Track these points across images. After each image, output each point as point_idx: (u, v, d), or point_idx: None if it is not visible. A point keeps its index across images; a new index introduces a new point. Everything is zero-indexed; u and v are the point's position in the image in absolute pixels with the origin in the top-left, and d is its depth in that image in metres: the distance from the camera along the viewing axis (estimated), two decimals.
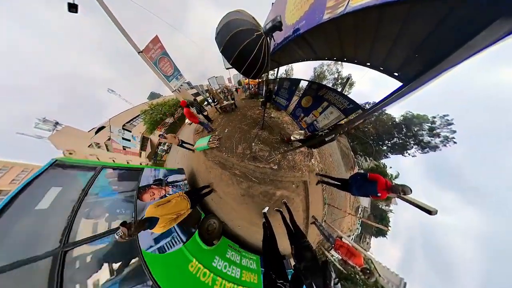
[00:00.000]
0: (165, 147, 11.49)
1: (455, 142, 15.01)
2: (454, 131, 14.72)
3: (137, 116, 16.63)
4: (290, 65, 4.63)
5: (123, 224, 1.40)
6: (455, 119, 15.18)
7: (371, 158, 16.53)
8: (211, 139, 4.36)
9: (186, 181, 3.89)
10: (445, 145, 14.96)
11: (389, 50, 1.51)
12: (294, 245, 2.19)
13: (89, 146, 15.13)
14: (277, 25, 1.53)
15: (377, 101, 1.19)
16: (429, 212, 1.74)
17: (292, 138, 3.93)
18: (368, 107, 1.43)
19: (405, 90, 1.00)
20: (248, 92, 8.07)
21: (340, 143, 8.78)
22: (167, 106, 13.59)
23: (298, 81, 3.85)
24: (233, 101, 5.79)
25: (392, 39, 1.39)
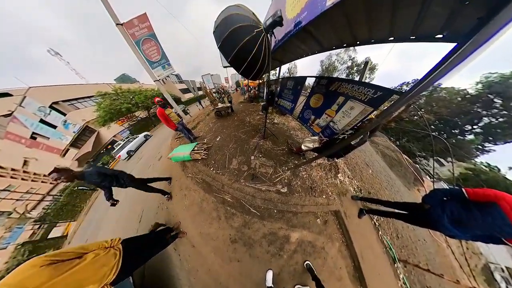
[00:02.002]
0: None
1: None
2: None
3: (88, 97, 12.16)
4: (293, 62, 4.03)
5: None
6: None
7: (450, 159, 10.13)
8: (196, 148, 3.21)
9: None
10: None
11: (419, 13, 1.23)
12: None
13: None
14: (277, 21, 1.46)
15: (420, 77, 0.89)
16: None
17: (303, 147, 2.83)
18: (409, 88, 0.99)
19: (467, 49, 0.73)
20: (247, 95, 7.37)
21: (378, 146, 6.52)
22: (142, 96, 10.92)
23: (303, 79, 3.33)
24: (229, 104, 4.94)
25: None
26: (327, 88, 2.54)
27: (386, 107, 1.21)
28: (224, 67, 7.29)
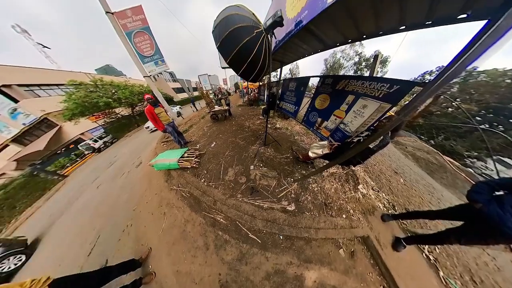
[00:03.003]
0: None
1: None
2: None
3: (56, 85, 10.27)
4: (294, 62, 3.85)
5: None
6: None
7: None
8: (186, 155, 2.74)
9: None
10: None
11: None
12: None
13: None
14: (278, 21, 1.44)
15: (447, 63, 0.79)
16: None
17: (311, 154, 2.39)
18: (434, 77, 0.86)
19: (503, 25, 0.65)
20: (247, 98, 7.08)
21: (406, 147, 5.42)
22: (127, 91, 9.70)
23: (306, 79, 3.19)
24: (227, 107, 4.61)
25: None
26: (333, 87, 2.38)
27: (407, 102, 1.04)
28: (223, 68, 7.19)
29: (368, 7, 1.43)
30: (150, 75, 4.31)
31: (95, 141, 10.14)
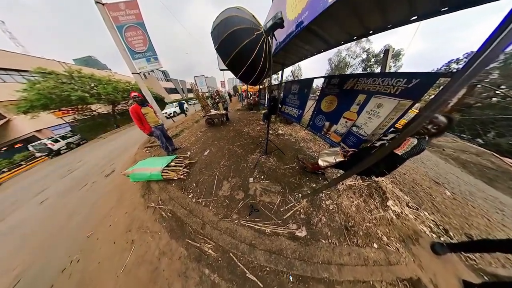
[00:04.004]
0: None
1: None
2: None
3: (16, 71, 8.97)
4: (296, 64, 3.73)
5: None
6: None
7: None
8: (173, 163, 2.35)
9: None
10: None
11: None
12: None
13: None
14: (278, 22, 1.44)
15: (478, 48, 0.70)
16: None
17: (321, 163, 2.00)
18: (463, 65, 0.80)
19: None
20: (246, 102, 6.84)
21: (443, 150, 4.42)
22: (110, 87, 8.77)
23: (310, 81, 3.05)
24: (225, 112, 4.34)
25: None
26: (340, 87, 2.28)
27: (433, 96, 0.90)
28: (221, 70, 7.13)
29: (374, 1, 1.35)
30: (140, 72, 4.12)
31: (55, 141, 8.38)
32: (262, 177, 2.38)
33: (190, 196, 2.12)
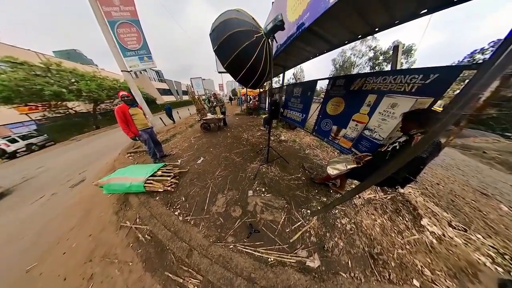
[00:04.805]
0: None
1: None
2: None
3: None
4: (298, 66, 3.66)
5: None
6: None
7: None
8: (160, 172, 2.07)
9: None
10: None
11: None
12: None
13: None
14: (278, 25, 1.43)
15: (507, 33, 0.62)
16: None
17: (330, 171, 1.73)
18: (491, 54, 0.69)
19: None
20: (245, 106, 6.64)
21: (484, 153, 3.90)
22: (94, 84, 8.11)
23: (313, 83, 2.97)
24: (222, 116, 4.14)
25: None
26: (347, 88, 2.20)
27: (459, 91, 0.75)
28: (220, 72, 7.04)
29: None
30: (131, 71, 3.97)
31: (12, 140, 7.24)
32: (263, 189, 2.08)
33: (176, 213, 1.78)
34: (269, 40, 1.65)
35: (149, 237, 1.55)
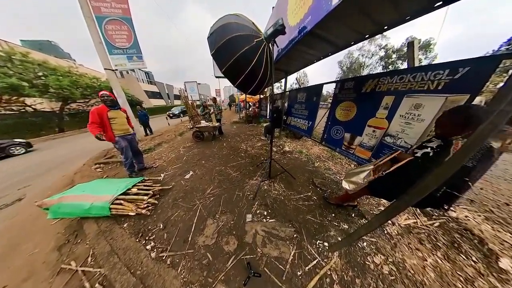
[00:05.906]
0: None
1: None
2: None
3: None
4: (301, 70, 3.57)
5: None
6: None
7: None
8: (135, 190, 1.69)
9: None
10: None
11: None
12: None
13: None
14: (279, 29, 1.43)
15: None
16: None
17: (345, 185, 1.39)
18: None
19: None
20: (244, 113, 6.37)
21: None
22: (67, 80, 7.33)
23: (319, 87, 2.90)
24: (218, 124, 3.90)
25: None
26: (357, 91, 2.11)
27: (503, 83, 0.75)
28: (217, 77, 6.96)
29: None
30: (116, 69, 3.79)
31: None
32: (265, 213, 1.67)
33: (149, 246, 1.34)
34: (270, 44, 1.64)
35: (100, 287, 1.08)
